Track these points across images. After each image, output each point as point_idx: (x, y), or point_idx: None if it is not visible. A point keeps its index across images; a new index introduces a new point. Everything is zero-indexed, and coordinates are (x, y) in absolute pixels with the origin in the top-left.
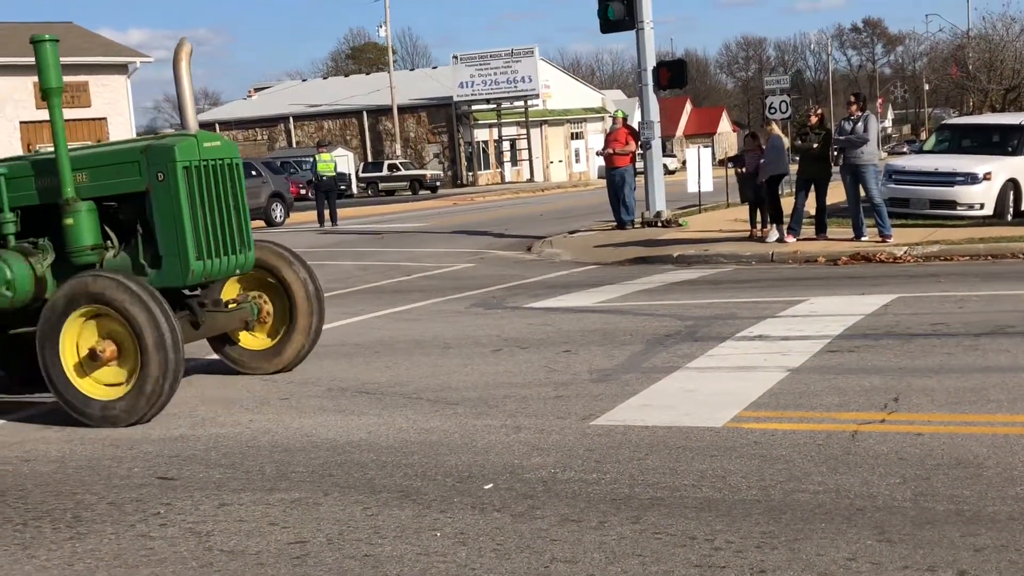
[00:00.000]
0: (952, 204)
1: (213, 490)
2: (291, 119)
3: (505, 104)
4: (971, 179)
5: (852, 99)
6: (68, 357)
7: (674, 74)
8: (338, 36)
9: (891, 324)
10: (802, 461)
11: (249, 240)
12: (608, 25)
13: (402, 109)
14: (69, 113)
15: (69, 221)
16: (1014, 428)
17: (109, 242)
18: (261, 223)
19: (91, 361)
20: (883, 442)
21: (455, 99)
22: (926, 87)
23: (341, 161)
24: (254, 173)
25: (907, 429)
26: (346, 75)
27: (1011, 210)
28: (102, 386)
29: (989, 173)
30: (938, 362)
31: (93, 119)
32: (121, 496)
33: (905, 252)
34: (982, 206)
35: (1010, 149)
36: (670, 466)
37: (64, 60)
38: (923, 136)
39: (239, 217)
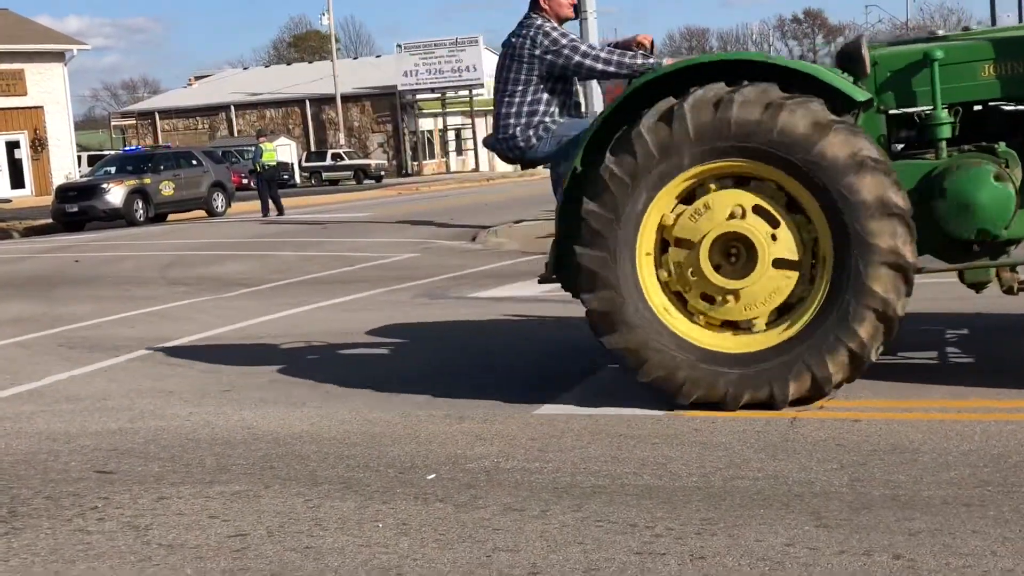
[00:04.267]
0: None
1: (152, 483)
2: (232, 108)
3: (450, 93)
4: None
5: None
6: None
7: None
8: (279, 24)
9: None
10: (742, 448)
11: None
12: None
13: (346, 98)
14: (3, 101)
15: None
16: (948, 414)
17: None
18: (202, 213)
19: None
20: (821, 428)
21: (399, 88)
22: None
23: (284, 150)
24: (194, 163)
25: (845, 415)
26: (288, 63)
27: None
28: None
29: None
30: None
31: (29, 107)
32: (58, 490)
33: None
34: None
35: None
36: (612, 454)
37: None
38: None
39: None
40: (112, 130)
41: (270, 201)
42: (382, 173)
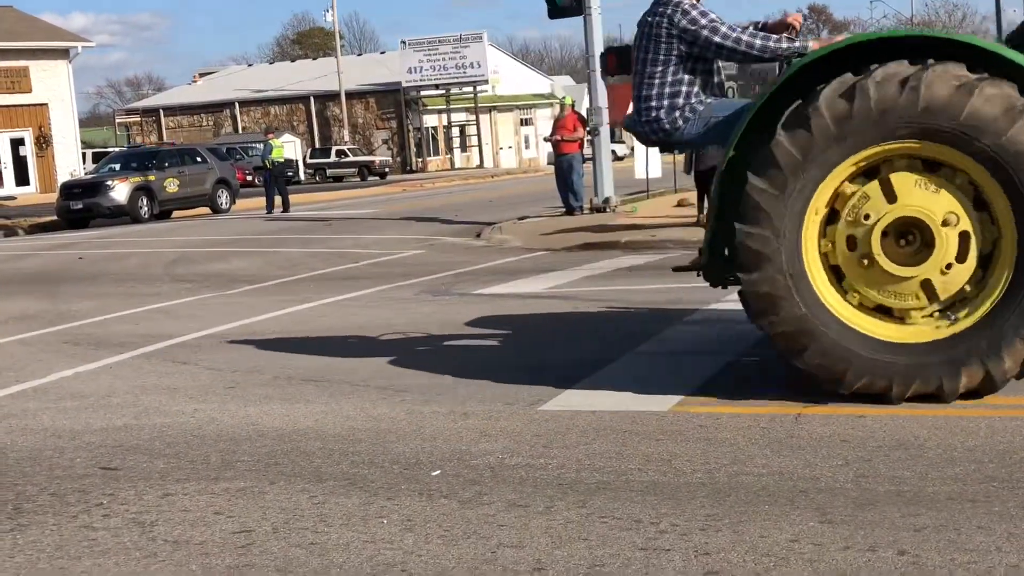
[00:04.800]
0: None
1: (157, 480)
2: (237, 105)
3: (454, 90)
4: None
5: None
6: None
7: (621, 60)
8: (283, 20)
9: None
10: (746, 444)
11: None
12: (556, 11)
13: (350, 95)
14: (8, 99)
15: None
16: (954, 410)
17: None
18: (206, 210)
19: None
20: (826, 424)
21: (404, 84)
22: None
23: (288, 147)
24: (199, 159)
25: (850, 411)
26: (292, 60)
27: None
28: None
29: None
30: None
31: (34, 105)
32: (63, 487)
33: None
34: None
35: None
36: (616, 450)
37: (3, 45)
38: None
39: None
40: (117, 127)
41: (276, 198)
42: (386, 170)
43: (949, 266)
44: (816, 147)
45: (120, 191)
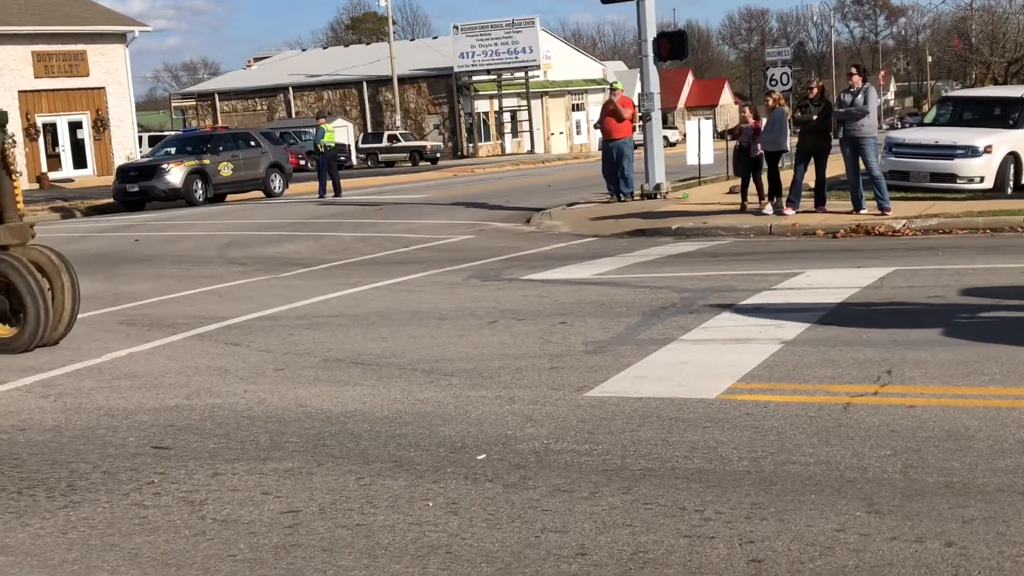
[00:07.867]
0: (952, 177)
1: (207, 459)
2: (291, 89)
3: (506, 75)
4: (971, 152)
5: (853, 70)
6: None
7: (674, 45)
8: (337, 6)
9: (887, 297)
10: (794, 433)
11: None
12: None
13: (402, 80)
14: (66, 82)
15: None
16: (1006, 401)
17: None
18: (260, 193)
19: None
20: (875, 414)
21: (455, 70)
22: (929, 59)
23: (341, 132)
24: (252, 144)
25: (899, 402)
26: (346, 45)
27: (1011, 183)
28: None
29: (990, 146)
30: (933, 335)
31: (91, 88)
32: (116, 465)
33: (904, 225)
34: (982, 179)
35: (1011, 122)
36: (662, 437)
37: (61, 29)
38: (925, 109)
39: None
40: (172, 111)
41: (328, 182)
42: (438, 155)
43: None
44: None
45: (175, 174)
